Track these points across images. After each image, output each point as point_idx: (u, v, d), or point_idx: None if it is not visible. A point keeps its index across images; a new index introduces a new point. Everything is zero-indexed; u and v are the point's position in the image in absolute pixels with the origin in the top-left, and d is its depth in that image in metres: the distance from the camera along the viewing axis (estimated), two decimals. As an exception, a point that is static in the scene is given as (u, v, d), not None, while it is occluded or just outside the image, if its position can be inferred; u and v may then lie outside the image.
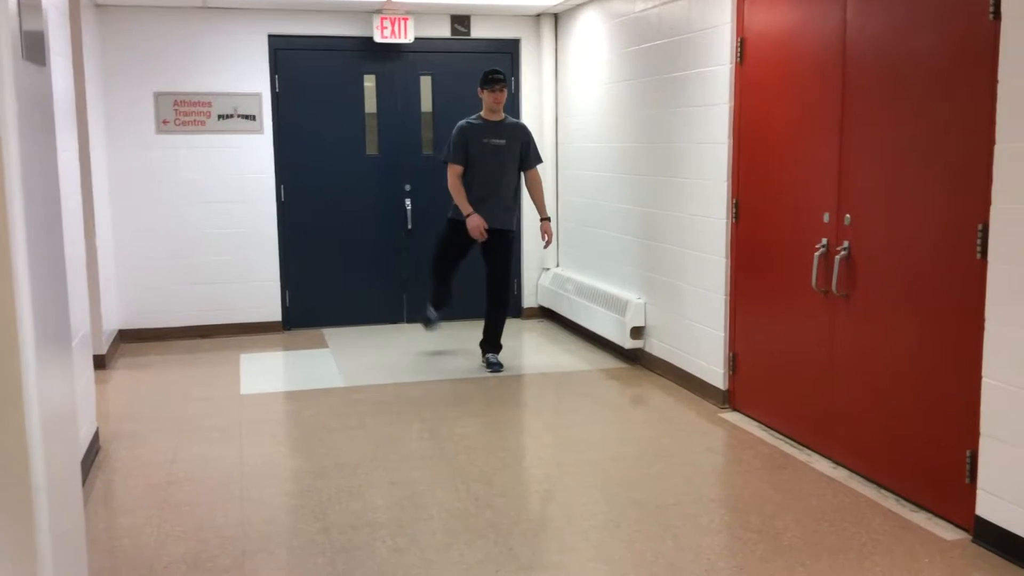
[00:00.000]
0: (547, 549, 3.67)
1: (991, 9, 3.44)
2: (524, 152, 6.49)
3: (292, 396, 6.04)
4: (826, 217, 4.48)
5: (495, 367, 6.46)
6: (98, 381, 5.82)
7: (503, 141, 6.38)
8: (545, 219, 6.62)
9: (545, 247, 6.77)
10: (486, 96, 6.37)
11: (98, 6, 7.10)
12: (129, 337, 7.48)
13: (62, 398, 2.53)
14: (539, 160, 6.63)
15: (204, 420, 5.42)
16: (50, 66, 2.67)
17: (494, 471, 4.52)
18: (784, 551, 3.60)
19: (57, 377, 2.46)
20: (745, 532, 3.80)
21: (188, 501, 4.20)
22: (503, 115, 6.46)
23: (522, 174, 6.60)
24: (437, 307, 6.91)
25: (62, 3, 4.73)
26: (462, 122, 6.44)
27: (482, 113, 6.44)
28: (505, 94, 6.41)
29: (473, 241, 6.40)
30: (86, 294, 5.07)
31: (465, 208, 6.30)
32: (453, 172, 6.36)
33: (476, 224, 6.28)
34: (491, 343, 6.60)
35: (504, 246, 6.46)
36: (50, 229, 2.48)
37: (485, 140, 6.34)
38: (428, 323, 6.97)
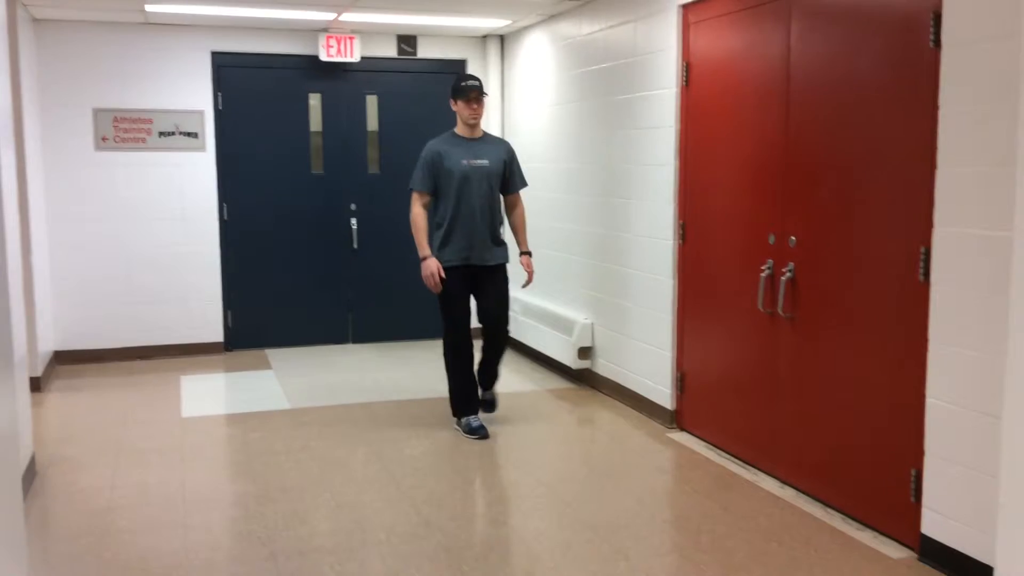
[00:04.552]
0: (499, 572, 3.63)
1: (931, 37, 3.53)
2: (508, 173, 5.46)
3: (235, 419, 5.92)
4: (771, 239, 4.54)
5: (489, 406, 5.60)
6: (33, 404, 5.65)
7: (486, 162, 5.33)
8: (525, 253, 5.57)
9: (524, 285, 5.63)
10: (461, 108, 5.32)
11: (36, 20, 6.95)
12: (65, 359, 7.28)
13: (4, 419, 2.45)
14: (524, 183, 5.59)
15: (144, 444, 5.29)
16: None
17: (444, 494, 4.48)
18: (734, 571, 3.62)
19: (-3, 401, 2.37)
20: (696, 553, 3.81)
21: (129, 528, 4.08)
22: (482, 131, 5.48)
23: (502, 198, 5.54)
24: (466, 410, 5.47)
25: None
26: (433, 142, 5.39)
27: (456, 129, 5.41)
28: (484, 106, 5.38)
29: (470, 280, 5.38)
30: (22, 315, 4.93)
31: (423, 249, 5.25)
32: (416, 202, 5.32)
33: (431, 271, 5.21)
34: (488, 377, 5.59)
35: (500, 282, 5.43)
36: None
37: (465, 162, 5.28)
38: (474, 433, 5.38)
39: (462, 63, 8.07)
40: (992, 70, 3.26)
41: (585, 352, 6.49)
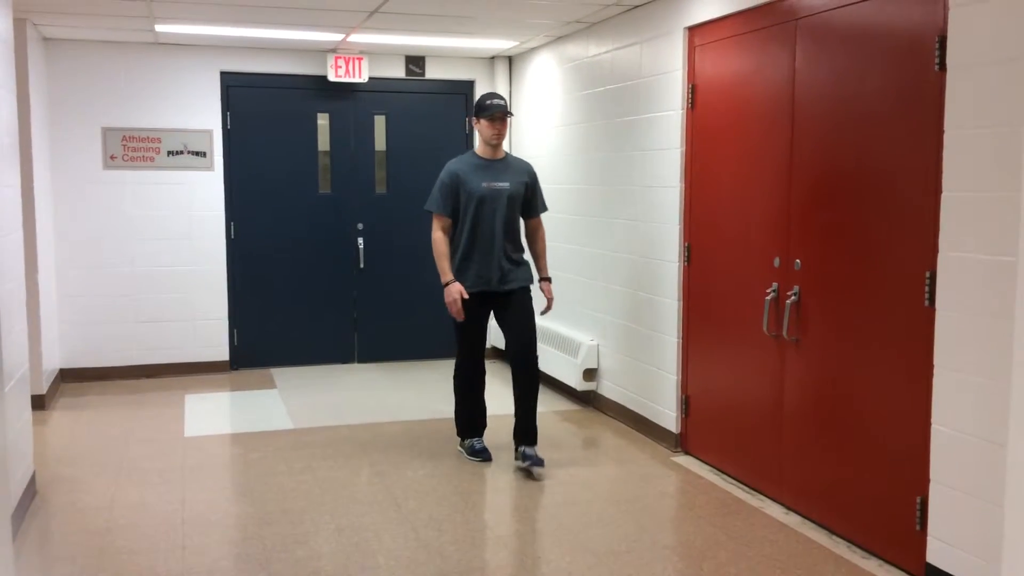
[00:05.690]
0: (498, 598, 3.60)
1: (937, 60, 3.51)
2: (529, 196, 5.26)
3: (238, 439, 5.90)
4: (776, 262, 4.51)
5: (533, 460, 5.02)
6: (36, 422, 5.64)
7: (506, 184, 5.10)
8: (546, 279, 5.36)
9: (543, 312, 5.38)
10: (483, 127, 5.10)
11: (46, 39, 6.99)
12: (70, 376, 7.28)
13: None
14: (545, 207, 5.42)
15: (146, 463, 5.27)
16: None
17: (444, 517, 4.44)
18: (737, 599, 3.57)
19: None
20: (698, 579, 3.76)
21: (128, 549, 4.06)
22: (504, 152, 5.28)
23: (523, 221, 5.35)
24: (471, 432, 5.39)
25: (7, 35, 4.64)
26: (452, 162, 5.19)
27: (477, 149, 5.23)
28: (507, 125, 5.17)
29: (488, 308, 5.21)
30: (26, 332, 4.93)
31: (445, 274, 5.04)
32: (436, 225, 5.10)
33: (453, 297, 5.01)
34: (526, 432, 5.15)
35: (524, 305, 5.16)
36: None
37: (484, 184, 5.07)
38: (476, 455, 5.33)
39: (470, 84, 8.08)
40: (998, 93, 3.23)
41: (590, 374, 6.45)
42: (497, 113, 5.07)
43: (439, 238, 5.10)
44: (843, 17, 4.05)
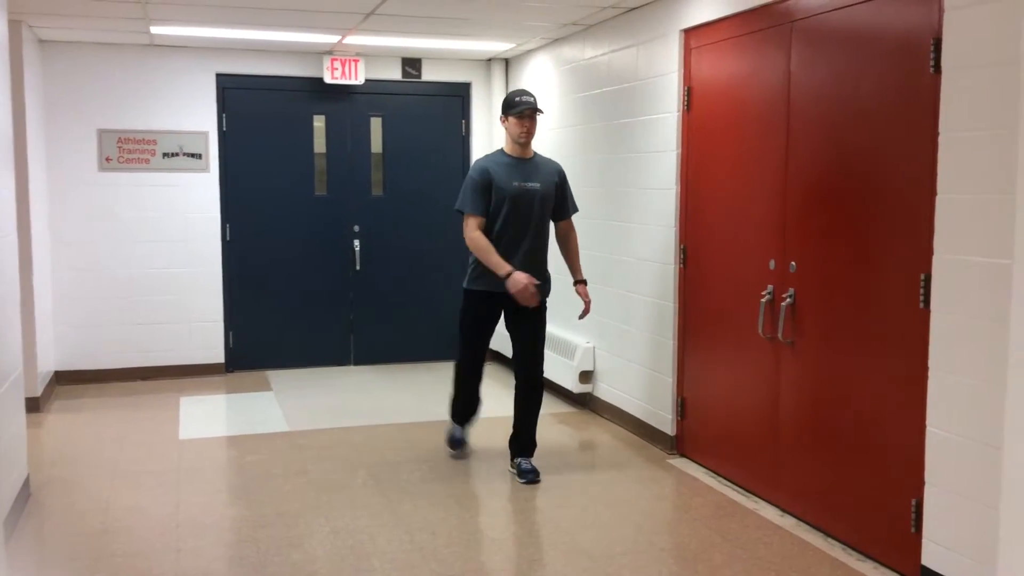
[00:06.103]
0: (493, 601, 3.59)
1: (932, 62, 3.51)
2: (560, 197, 5.11)
3: (233, 441, 5.89)
4: (772, 264, 4.51)
5: (530, 477, 4.97)
6: (31, 424, 5.62)
7: (537, 184, 4.95)
8: (581, 282, 5.23)
9: (581, 317, 5.31)
10: (512, 125, 4.95)
11: (41, 41, 6.98)
12: (65, 379, 7.26)
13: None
14: (576, 208, 5.26)
15: (140, 466, 5.26)
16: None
17: (439, 520, 4.43)
18: (732, 602, 3.56)
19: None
20: (693, 582, 3.75)
21: (122, 552, 4.05)
22: (532, 151, 5.14)
23: (552, 224, 5.20)
24: (462, 421, 5.45)
25: (2, 37, 4.62)
26: (481, 160, 5.08)
27: (505, 148, 5.06)
28: (536, 123, 5.02)
29: (499, 312, 5.06)
30: (20, 334, 4.91)
31: (501, 267, 4.80)
32: (472, 225, 4.90)
33: (522, 285, 4.78)
34: (524, 443, 5.13)
35: (538, 317, 5.03)
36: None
37: (515, 183, 4.91)
38: (453, 445, 5.47)
39: (467, 86, 8.08)
40: (992, 96, 3.23)
41: (587, 376, 6.45)
42: (526, 111, 4.90)
43: (478, 236, 4.88)
44: (838, 20, 4.06)
